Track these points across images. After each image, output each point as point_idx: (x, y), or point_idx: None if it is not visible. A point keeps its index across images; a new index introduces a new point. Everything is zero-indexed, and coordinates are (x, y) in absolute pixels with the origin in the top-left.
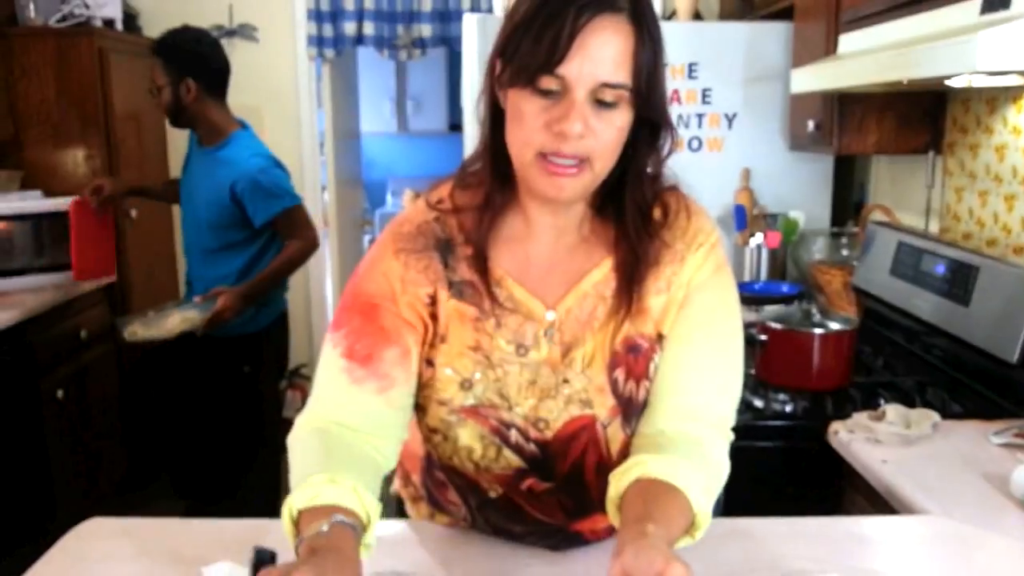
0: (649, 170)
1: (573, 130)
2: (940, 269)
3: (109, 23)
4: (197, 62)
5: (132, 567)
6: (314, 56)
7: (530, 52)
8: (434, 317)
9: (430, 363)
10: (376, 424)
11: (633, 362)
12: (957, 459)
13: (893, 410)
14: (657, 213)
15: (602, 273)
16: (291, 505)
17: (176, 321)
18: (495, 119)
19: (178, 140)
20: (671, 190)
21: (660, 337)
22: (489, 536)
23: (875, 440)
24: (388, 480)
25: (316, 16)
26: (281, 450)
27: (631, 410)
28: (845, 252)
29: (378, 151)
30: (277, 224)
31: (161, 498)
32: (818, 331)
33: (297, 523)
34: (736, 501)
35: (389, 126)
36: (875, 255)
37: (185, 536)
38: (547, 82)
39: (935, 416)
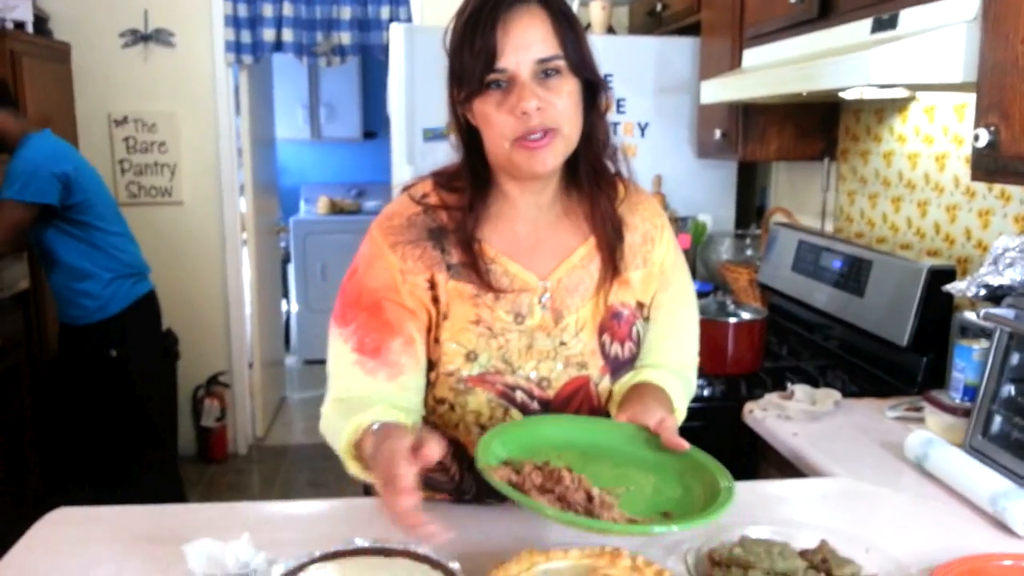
0: (600, 135)
1: (530, 107)
2: (837, 264)
3: (20, 25)
4: None
5: (108, 549)
6: (232, 62)
7: (472, 62)
8: (435, 300)
9: (436, 340)
10: (393, 406)
11: (617, 327)
12: (857, 430)
13: (800, 390)
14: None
15: (587, 249)
16: (345, 441)
17: None
18: (467, 134)
19: (94, 142)
20: (617, 175)
21: (640, 305)
22: (467, 507)
23: (786, 416)
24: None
25: (234, 22)
26: (172, 451)
27: (617, 367)
28: (749, 252)
29: (291, 158)
30: None
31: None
32: (732, 320)
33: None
34: None
35: (302, 132)
36: (777, 253)
37: (155, 520)
38: (494, 77)
39: (837, 395)
